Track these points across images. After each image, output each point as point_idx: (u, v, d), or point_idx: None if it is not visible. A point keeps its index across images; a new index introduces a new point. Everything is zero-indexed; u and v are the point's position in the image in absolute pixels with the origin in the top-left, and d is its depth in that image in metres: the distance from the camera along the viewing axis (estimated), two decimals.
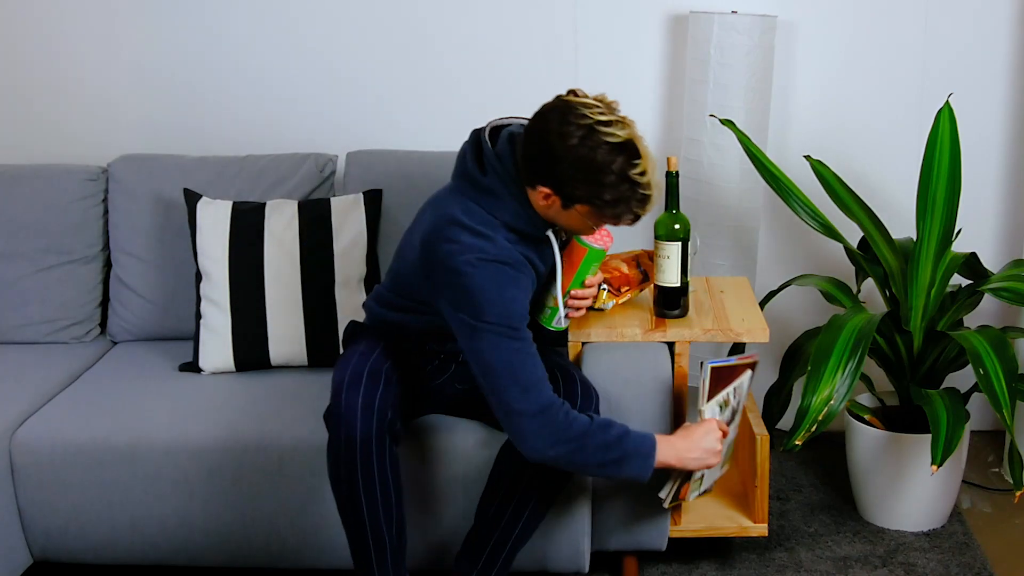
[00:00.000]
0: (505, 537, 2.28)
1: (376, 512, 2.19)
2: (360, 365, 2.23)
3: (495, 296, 2.10)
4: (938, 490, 2.75)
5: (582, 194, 2.08)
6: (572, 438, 2.10)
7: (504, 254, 2.13)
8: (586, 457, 2.12)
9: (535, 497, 2.26)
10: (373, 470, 2.17)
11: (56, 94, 3.21)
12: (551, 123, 2.06)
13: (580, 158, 2.04)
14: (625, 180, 2.07)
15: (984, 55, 3.08)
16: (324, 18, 3.13)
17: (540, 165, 2.09)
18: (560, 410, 2.10)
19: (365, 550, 2.23)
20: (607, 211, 2.11)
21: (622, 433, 2.15)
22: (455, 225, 2.14)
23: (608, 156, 2.04)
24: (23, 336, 2.93)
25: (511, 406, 2.10)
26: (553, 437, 2.09)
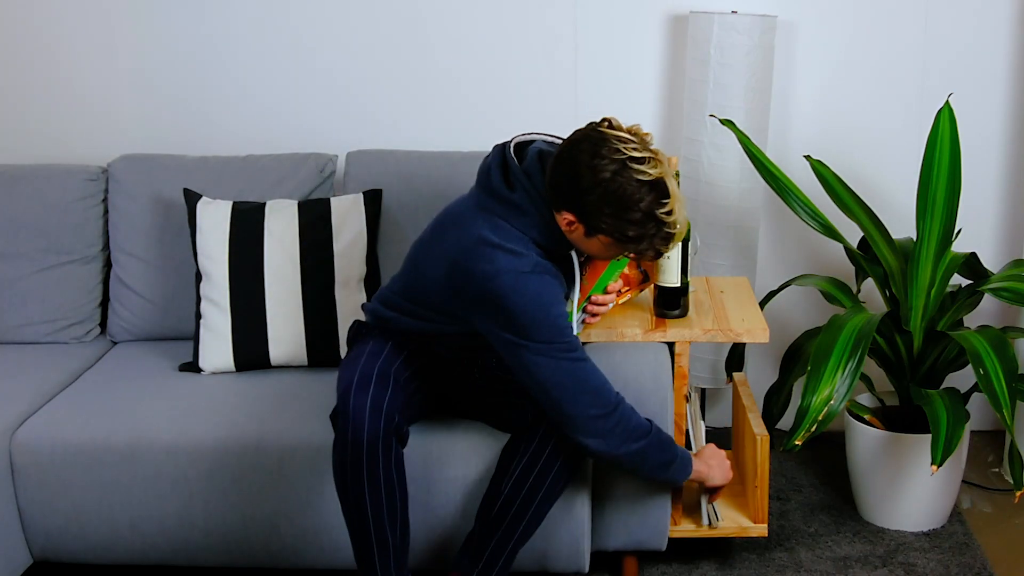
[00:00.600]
0: (506, 538, 2.28)
1: (380, 513, 2.19)
2: (368, 366, 2.22)
3: (541, 315, 2.11)
4: (938, 490, 2.75)
5: (607, 227, 2.09)
6: (644, 434, 2.22)
7: (540, 268, 2.15)
8: (652, 455, 2.25)
9: (537, 498, 2.26)
10: (379, 472, 2.17)
11: (56, 94, 3.21)
12: (583, 153, 2.06)
13: (609, 193, 2.04)
14: (652, 219, 2.07)
15: (984, 55, 3.08)
16: (324, 18, 3.13)
17: (567, 192, 2.09)
18: (627, 406, 2.20)
19: (368, 551, 2.23)
20: (630, 245, 2.12)
21: (671, 438, 2.31)
22: (486, 245, 2.13)
23: (637, 194, 2.04)
24: (23, 336, 2.93)
25: (585, 412, 2.16)
26: (627, 434, 2.20)
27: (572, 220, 2.11)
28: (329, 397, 2.51)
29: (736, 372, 2.98)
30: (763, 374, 3.28)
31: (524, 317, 2.10)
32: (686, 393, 2.53)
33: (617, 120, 2.12)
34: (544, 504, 2.28)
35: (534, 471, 2.24)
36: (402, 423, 2.21)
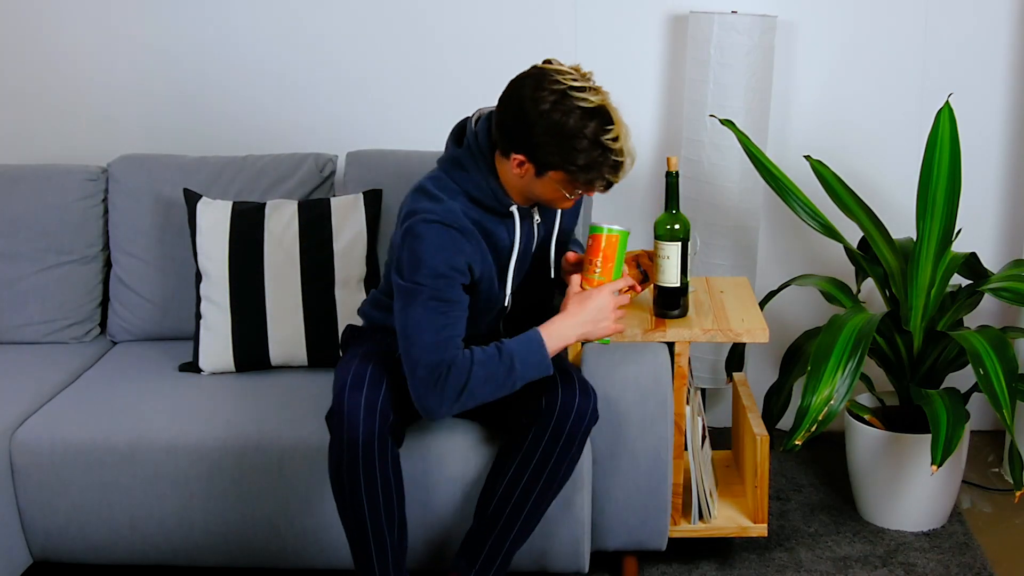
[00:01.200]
0: (503, 538, 2.28)
1: (377, 513, 2.20)
2: (362, 367, 2.23)
3: (429, 257, 2.12)
4: (938, 490, 2.75)
5: (555, 160, 2.10)
6: (457, 392, 2.12)
7: (450, 217, 2.16)
8: (483, 395, 2.15)
9: (533, 497, 2.26)
10: (375, 472, 2.17)
11: (56, 94, 3.21)
12: (525, 89, 2.09)
13: (553, 123, 2.06)
14: (598, 145, 2.08)
15: (984, 55, 3.08)
16: (324, 18, 3.13)
17: (514, 132, 2.11)
18: (443, 368, 2.11)
19: (366, 551, 2.23)
20: (580, 177, 2.12)
21: (503, 351, 2.15)
22: (418, 192, 2.21)
23: (580, 121, 2.06)
24: (23, 336, 2.93)
25: (410, 367, 2.13)
26: (439, 397, 2.13)
27: (522, 160, 2.12)
28: (329, 397, 2.51)
29: (736, 372, 2.98)
30: (763, 374, 3.28)
31: (417, 254, 2.12)
32: (686, 393, 2.53)
33: (558, 60, 2.16)
34: (540, 503, 2.28)
35: (528, 470, 2.24)
36: (397, 423, 2.21)
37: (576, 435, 2.23)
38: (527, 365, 2.17)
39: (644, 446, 2.42)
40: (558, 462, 2.24)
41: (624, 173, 2.15)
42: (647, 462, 2.42)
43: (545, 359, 2.19)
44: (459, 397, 2.14)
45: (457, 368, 2.12)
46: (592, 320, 2.22)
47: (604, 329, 2.24)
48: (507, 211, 2.24)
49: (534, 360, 2.18)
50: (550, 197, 2.20)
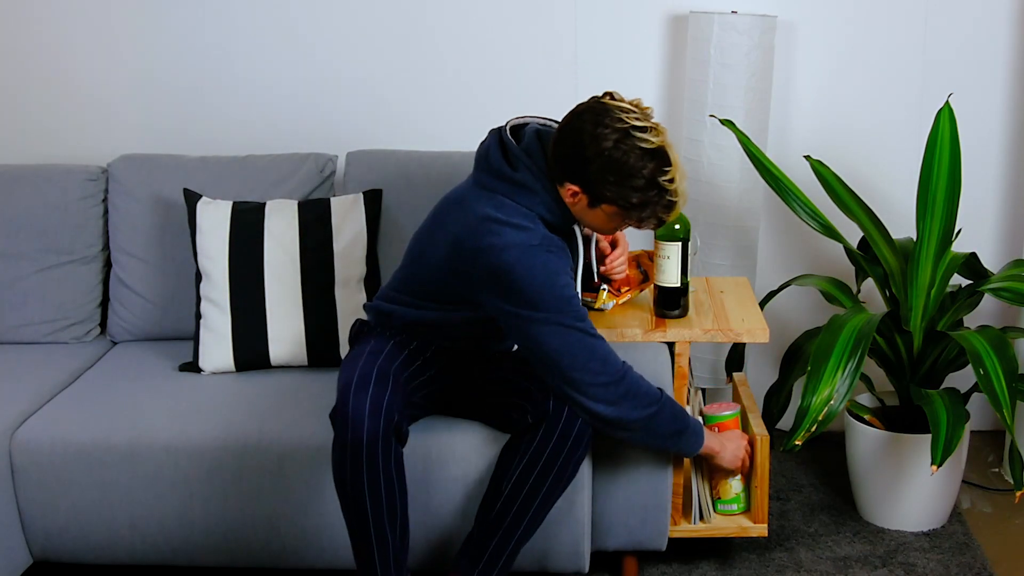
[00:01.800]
0: (506, 539, 2.28)
1: (380, 513, 2.19)
2: (368, 366, 2.23)
3: (548, 286, 2.14)
4: (938, 490, 2.75)
5: (611, 195, 2.13)
6: (653, 401, 2.22)
7: (548, 242, 2.18)
8: (662, 422, 2.25)
9: (537, 499, 2.26)
10: (379, 472, 2.17)
11: (56, 94, 3.21)
12: (586, 123, 2.11)
13: (613, 161, 2.09)
14: (654, 186, 2.11)
15: (984, 55, 3.08)
16: (324, 18, 3.13)
17: (571, 163, 2.13)
18: (635, 373, 2.21)
19: (368, 551, 2.23)
20: (633, 213, 2.15)
21: (688, 415, 2.31)
22: (491, 222, 2.16)
23: (640, 161, 2.10)
24: (23, 336, 2.93)
25: (595, 380, 2.17)
26: (637, 400, 2.20)
27: (576, 191, 2.15)
28: (329, 397, 2.51)
29: (736, 372, 2.98)
30: (763, 374, 3.28)
31: (532, 289, 2.12)
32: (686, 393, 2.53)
33: (619, 93, 2.17)
34: (544, 505, 2.28)
35: (534, 471, 2.24)
36: (402, 422, 2.21)
37: (583, 437, 2.24)
38: (693, 438, 2.34)
39: (644, 446, 2.41)
40: (564, 463, 2.25)
41: (677, 212, 2.19)
42: (647, 462, 2.42)
43: (698, 444, 2.36)
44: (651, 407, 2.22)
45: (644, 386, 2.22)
46: (732, 455, 2.46)
47: (728, 464, 2.46)
48: (571, 230, 2.28)
49: (694, 440, 2.35)
50: (599, 226, 2.24)
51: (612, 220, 2.19)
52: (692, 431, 2.33)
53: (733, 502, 2.58)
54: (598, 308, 2.54)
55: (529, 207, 2.19)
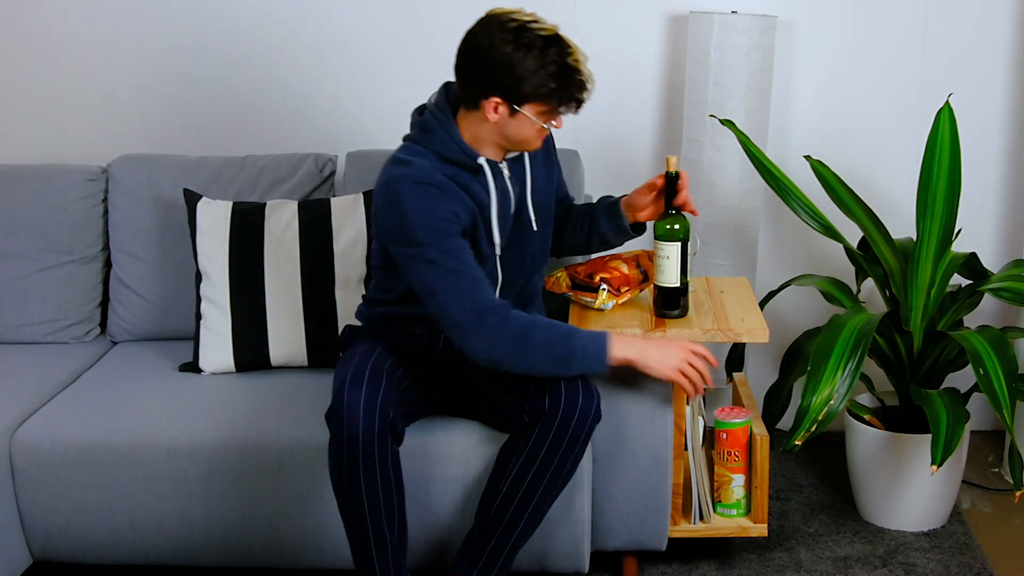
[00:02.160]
0: (505, 538, 2.28)
1: (378, 512, 2.20)
2: (361, 365, 2.24)
3: (416, 217, 2.20)
4: (938, 490, 2.75)
5: (529, 89, 2.19)
6: (513, 339, 2.19)
7: (424, 175, 2.23)
8: (533, 358, 2.20)
9: (535, 497, 2.26)
10: (375, 470, 2.17)
11: (56, 94, 3.22)
12: (481, 38, 2.22)
13: (521, 56, 2.18)
14: (565, 67, 2.20)
15: (984, 55, 3.08)
16: (324, 18, 3.13)
17: (483, 78, 2.21)
18: (497, 314, 2.20)
19: (366, 550, 2.23)
20: (553, 100, 2.21)
21: (569, 332, 2.22)
22: (389, 163, 2.29)
23: (544, 48, 2.19)
24: (23, 336, 2.93)
25: (453, 319, 2.21)
26: (492, 340, 2.19)
27: (498, 103, 2.22)
28: (329, 397, 2.51)
29: (736, 372, 2.98)
30: (763, 374, 3.28)
31: (403, 221, 2.20)
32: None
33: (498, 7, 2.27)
34: (542, 503, 2.28)
35: (531, 470, 2.24)
36: (397, 420, 2.21)
37: (580, 435, 2.23)
38: (586, 354, 2.21)
39: (644, 446, 2.42)
40: (561, 461, 2.25)
41: (590, 92, 2.26)
42: (647, 462, 2.43)
43: (602, 359, 2.21)
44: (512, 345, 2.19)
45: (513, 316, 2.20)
46: (660, 353, 2.25)
47: (665, 369, 2.24)
48: (476, 164, 2.31)
49: (593, 352, 2.21)
50: (525, 136, 2.28)
51: (537, 121, 2.24)
52: (580, 354, 2.20)
53: (733, 507, 2.58)
54: (598, 308, 2.54)
55: (426, 145, 2.28)
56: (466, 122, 2.29)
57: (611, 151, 3.18)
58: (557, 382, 2.24)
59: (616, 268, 2.56)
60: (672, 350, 2.25)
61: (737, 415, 2.58)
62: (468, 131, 2.30)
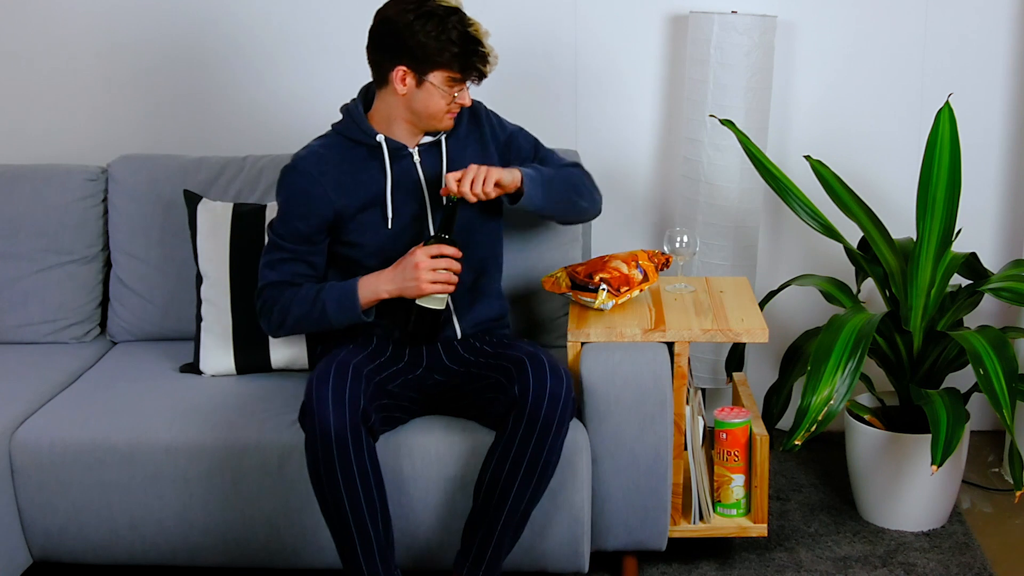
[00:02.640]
0: (491, 530, 2.27)
1: (359, 507, 2.20)
2: (327, 364, 2.27)
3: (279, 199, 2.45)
4: (938, 490, 2.75)
5: (431, 53, 2.30)
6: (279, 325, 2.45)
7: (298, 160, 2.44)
8: (299, 327, 2.45)
9: (517, 486, 2.25)
10: (351, 463, 2.18)
11: (56, 94, 3.22)
12: (389, 13, 2.35)
13: (424, 24, 2.30)
14: (465, 35, 2.31)
15: (984, 55, 3.08)
16: (324, 19, 3.13)
17: (390, 47, 2.35)
18: (262, 297, 2.46)
19: (351, 548, 2.23)
20: (455, 66, 2.31)
21: (320, 293, 2.40)
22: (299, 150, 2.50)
23: (445, 17, 2.30)
24: (23, 336, 2.93)
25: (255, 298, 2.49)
26: (263, 321, 2.49)
27: (404, 71, 2.34)
28: None
29: (736, 372, 2.98)
30: (763, 374, 3.28)
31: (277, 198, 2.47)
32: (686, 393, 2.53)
33: None
34: (524, 491, 2.26)
35: (509, 459, 2.23)
36: (369, 411, 2.23)
37: (552, 420, 2.22)
38: (340, 310, 2.38)
39: (644, 446, 2.42)
40: (537, 449, 2.23)
41: (492, 66, 2.36)
42: (647, 462, 2.42)
43: (356, 307, 2.37)
44: (280, 328, 2.46)
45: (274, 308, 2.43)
46: (402, 277, 2.35)
47: (415, 288, 2.34)
48: (374, 142, 2.42)
49: (346, 305, 2.37)
50: (433, 109, 2.37)
51: (442, 90, 2.33)
52: (336, 315, 2.38)
53: (733, 507, 2.58)
54: (598, 308, 2.54)
55: (336, 130, 2.47)
56: (379, 104, 2.43)
57: (611, 151, 3.18)
58: (525, 369, 2.24)
59: (616, 268, 2.56)
60: (409, 270, 2.34)
61: (737, 415, 2.58)
62: (380, 112, 2.43)
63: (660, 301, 2.64)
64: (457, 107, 2.39)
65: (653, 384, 2.40)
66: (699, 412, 2.62)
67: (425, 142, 2.45)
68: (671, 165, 3.19)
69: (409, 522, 2.41)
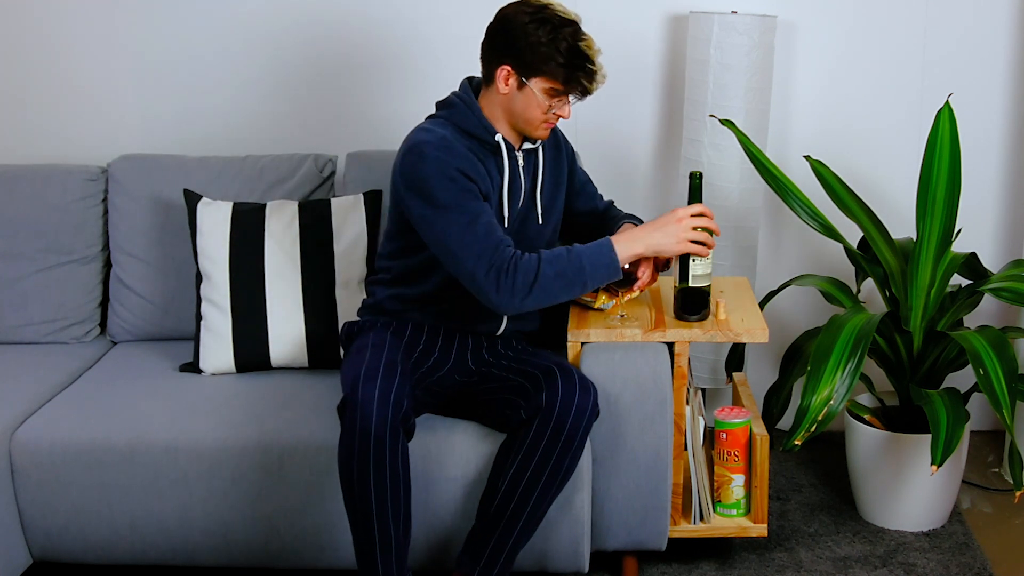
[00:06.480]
0: (506, 536, 2.29)
1: (385, 507, 2.20)
2: (375, 359, 2.24)
3: (442, 179, 2.28)
4: (938, 490, 2.75)
5: (537, 59, 2.28)
6: (528, 286, 2.26)
7: (442, 142, 2.32)
8: (555, 293, 2.29)
9: (535, 493, 2.26)
10: (385, 464, 2.17)
11: (56, 94, 3.21)
12: (508, 10, 2.33)
13: (535, 27, 2.28)
14: (575, 50, 2.29)
15: (984, 55, 3.08)
16: (323, 18, 3.13)
17: (500, 44, 2.33)
18: (507, 270, 2.26)
19: (370, 545, 2.23)
20: (559, 78, 2.29)
21: (572, 251, 2.30)
22: (415, 131, 2.39)
23: (559, 26, 2.29)
24: (23, 336, 2.93)
25: (472, 278, 2.28)
26: (510, 294, 2.26)
27: (508, 72, 2.32)
28: (330, 398, 2.51)
29: (736, 372, 2.98)
30: (763, 374, 3.28)
31: (428, 181, 2.28)
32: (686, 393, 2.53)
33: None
34: (541, 501, 2.28)
35: (530, 467, 2.24)
36: (409, 412, 2.22)
37: (577, 432, 2.24)
38: (596, 265, 2.29)
39: (644, 446, 2.42)
40: (559, 459, 2.25)
41: (598, 84, 2.34)
42: (647, 462, 2.43)
43: (614, 262, 2.30)
44: (530, 291, 2.26)
45: (522, 265, 2.26)
46: (663, 231, 2.34)
47: (674, 243, 2.34)
48: (494, 141, 2.39)
49: (604, 261, 2.30)
50: (531, 115, 2.35)
51: (543, 98, 2.31)
52: (592, 272, 2.29)
53: (733, 507, 2.58)
54: (598, 308, 2.54)
55: (447, 119, 2.39)
56: (484, 101, 2.40)
57: (611, 151, 3.18)
58: (555, 379, 2.25)
59: None
60: (671, 226, 2.34)
61: (737, 415, 2.58)
62: (486, 110, 2.40)
63: (660, 301, 2.64)
64: (555, 118, 2.38)
65: (653, 384, 2.40)
66: (699, 412, 2.62)
67: (526, 148, 2.47)
68: (671, 165, 3.19)
69: (427, 521, 2.41)
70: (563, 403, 2.22)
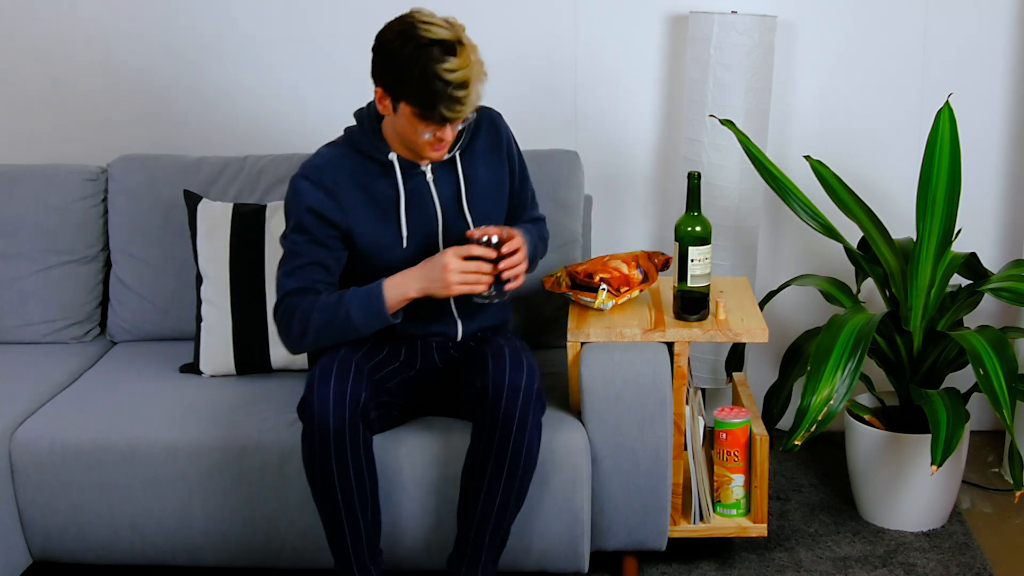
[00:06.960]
0: (481, 529, 2.28)
1: (351, 500, 2.23)
2: (329, 360, 2.27)
3: (292, 215, 2.32)
4: (938, 490, 2.75)
5: (398, 90, 2.16)
6: (301, 333, 2.29)
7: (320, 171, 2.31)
8: (328, 338, 2.29)
9: (500, 486, 2.25)
10: (347, 459, 2.20)
11: (56, 94, 3.21)
12: (385, 28, 2.19)
13: (393, 52, 2.14)
14: (433, 76, 2.10)
15: (984, 55, 3.08)
16: (324, 17, 3.13)
17: (374, 64, 2.21)
18: (281, 308, 2.31)
19: (339, 534, 2.27)
20: (418, 108, 2.14)
21: (343, 299, 2.27)
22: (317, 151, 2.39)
23: (416, 52, 2.11)
24: (23, 336, 2.93)
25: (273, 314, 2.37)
26: (284, 334, 2.33)
27: (381, 94, 2.21)
28: None
29: (736, 372, 2.98)
30: (763, 374, 3.28)
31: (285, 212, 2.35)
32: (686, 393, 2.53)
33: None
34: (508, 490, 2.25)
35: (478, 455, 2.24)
36: (368, 408, 2.23)
37: (513, 412, 2.20)
38: (365, 315, 2.26)
39: (644, 446, 2.42)
40: (502, 443, 2.21)
41: (464, 111, 2.15)
42: (647, 462, 2.43)
43: (382, 309, 2.26)
44: (303, 337, 2.30)
45: (299, 313, 2.29)
46: (429, 278, 2.25)
47: (445, 289, 2.23)
48: (387, 159, 2.31)
49: (373, 309, 2.26)
50: (411, 138, 2.24)
51: (413, 122, 2.18)
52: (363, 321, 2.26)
53: (733, 507, 2.58)
54: (598, 308, 2.54)
55: (347, 137, 2.36)
56: (384, 123, 2.33)
57: (611, 151, 3.18)
58: (486, 361, 2.24)
59: (616, 268, 2.56)
60: (438, 271, 2.23)
61: (737, 415, 2.58)
62: (387, 127, 2.32)
63: (660, 301, 2.65)
64: (438, 141, 2.23)
65: (653, 384, 2.40)
66: (699, 412, 2.62)
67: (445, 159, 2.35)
68: (671, 165, 3.19)
69: (402, 521, 2.41)
70: (495, 384, 2.20)
